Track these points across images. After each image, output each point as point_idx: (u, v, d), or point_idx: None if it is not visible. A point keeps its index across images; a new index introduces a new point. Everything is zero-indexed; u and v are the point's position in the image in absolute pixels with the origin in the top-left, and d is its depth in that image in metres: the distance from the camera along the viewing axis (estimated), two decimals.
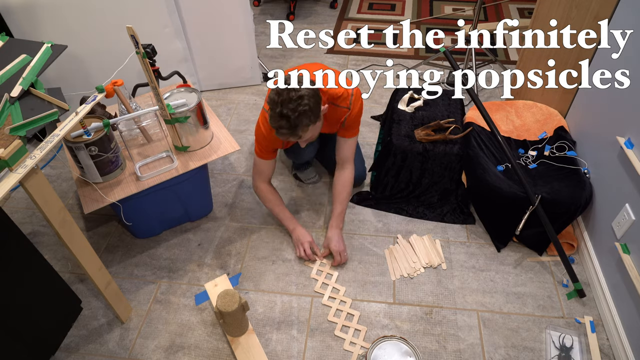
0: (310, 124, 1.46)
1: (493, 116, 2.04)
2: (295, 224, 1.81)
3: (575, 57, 1.98)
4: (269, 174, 1.80)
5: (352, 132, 1.72)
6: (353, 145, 1.76)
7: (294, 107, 1.39)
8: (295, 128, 1.43)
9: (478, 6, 2.42)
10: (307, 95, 1.40)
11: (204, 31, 2.42)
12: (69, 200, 2.07)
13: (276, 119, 1.43)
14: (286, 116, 1.40)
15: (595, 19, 1.84)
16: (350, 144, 1.74)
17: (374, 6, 3.58)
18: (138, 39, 1.33)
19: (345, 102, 1.63)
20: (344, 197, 1.78)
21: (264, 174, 1.79)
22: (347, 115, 1.64)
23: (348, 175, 1.78)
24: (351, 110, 1.64)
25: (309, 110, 1.41)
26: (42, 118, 1.36)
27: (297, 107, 1.39)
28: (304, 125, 1.44)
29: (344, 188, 1.78)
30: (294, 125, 1.42)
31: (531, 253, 1.77)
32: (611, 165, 1.58)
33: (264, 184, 1.81)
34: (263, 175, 1.80)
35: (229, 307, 1.36)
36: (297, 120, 1.41)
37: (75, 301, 1.59)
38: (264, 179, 1.81)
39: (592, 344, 1.47)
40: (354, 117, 1.67)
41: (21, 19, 2.07)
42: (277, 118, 1.42)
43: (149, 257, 1.80)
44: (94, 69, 2.31)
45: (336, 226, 1.76)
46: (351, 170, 1.79)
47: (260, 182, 1.81)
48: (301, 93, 1.39)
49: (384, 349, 1.34)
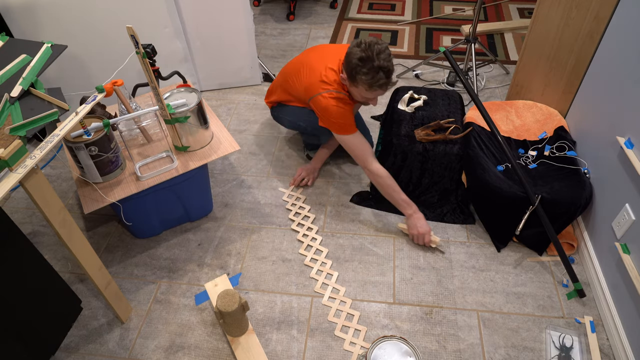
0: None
1: (493, 116, 2.04)
2: (415, 209, 1.77)
3: (575, 57, 1.98)
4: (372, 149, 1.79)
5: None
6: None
7: (386, 56, 1.56)
8: (390, 75, 1.59)
9: (478, 6, 2.42)
10: (386, 44, 1.59)
11: (204, 31, 2.42)
12: (69, 200, 2.07)
13: (374, 73, 1.56)
14: (383, 67, 1.55)
15: (595, 19, 1.84)
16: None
17: (374, 6, 3.58)
18: (138, 39, 1.33)
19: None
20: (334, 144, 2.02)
21: (370, 149, 1.76)
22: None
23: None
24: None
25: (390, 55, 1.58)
26: (42, 118, 1.36)
27: (389, 57, 1.57)
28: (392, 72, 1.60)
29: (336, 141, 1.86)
30: (390, 73, 1.58)
31: (531, 253, 1.77)
32: (611, 165, 1.58)
33: (377, 163, 1.75)
34: (370, 151, 1.75)
35: (229, 307, 1.36)
36: (392, 67, 1.58)
37: (75, 301, 1.59)
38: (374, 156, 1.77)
39: (592, 344, 1.47)
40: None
41: (21, 19, 2.07)
42: (374, 71, 1.56)
43: (149, 257, 1.80)
44: (94, 69, 2.31)
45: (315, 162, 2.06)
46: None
47: (373, 161, 1.74)
48: (384, 44, 1.58)
49: (384, 349, 1.34)
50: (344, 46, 1.79)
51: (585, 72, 1.91)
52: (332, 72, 1.74)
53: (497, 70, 2.78)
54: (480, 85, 2.65)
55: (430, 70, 2.82)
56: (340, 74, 1.71)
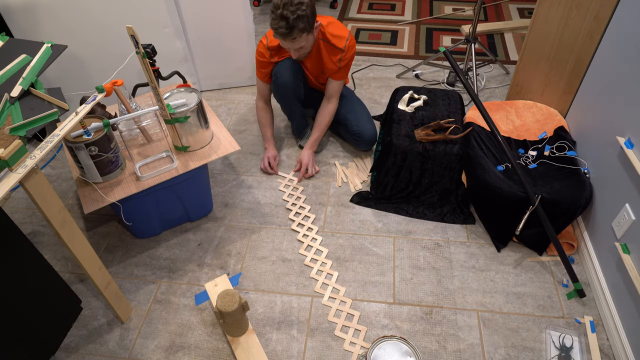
0: (304, 32, 1.72)
1: (493, 116, 2.04)
2: (270, 144, 2.15)
3: (575, 57, 1.98)
4: (267, 95, 2.13)
5: (341, 76, 2.00)
6: (341, 86, 2.06)
7: (294, 9, 1.64)
8: (292, 29, 1.67)
9: (478, 6, 2.42)
10: (306, 2, 1.68)
11: (204, 31, 2.42)
12: (69, 200, 2.07)
13: (277, 20, 1.66)
14: (285, 17, 1.64)
15: (595, 19, 1.84)
16: (337, 85, 2.04)
17: (374, 6, 3.58)
18: (138, 39, 1.33)
19: (341, 44, 1.90)
20: (323, 126, 2.11)
21: (262, 93, 2.12)
22: (342, 57, 1.91)
23: (331, 107, 2.09)
24: (345, 52, 1.91)
25: (306, 17, 1.68)
26: (42, 118, 1.36)
27: (296, 11, 1.65)
28: (300, 30, 1.69)
29: (325, 118, 2.10)
30: (291, 27, 1.66)
31: (531, 253, 1.77)
32: (611, 165, 1.58)
33: (262, 102, 2.15)
34: (260, 94, 2.13)
35: (229, 307, 1.36)
36: (295, 22, 1.65)
37: (75, 301, 1.59)
38: (262, 98, 2.14)
39: (592, 344, 1.47)
40: (347, 61, 1.94)
41: (21, 19, 2.07)
42: (277, 19, 1.66)
43: (149, 257, 1.80)
44: (94, 69, 2.31)
45: (309, 147, 2.12)
46: (335, 103, 2.09)
47: (259, 100, 2.15)
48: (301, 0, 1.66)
49: (384, 349, 1.34)
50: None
51: (585, 72, 1.91)
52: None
53: (497, 70, 2.78)
54: (480, 85, 2.65)
55: (430, 70, 2.82)
56: None
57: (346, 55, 1.92)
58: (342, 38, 1.90)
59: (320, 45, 1.93)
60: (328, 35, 1.91)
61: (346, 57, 1.93)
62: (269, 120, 2.17)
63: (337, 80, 2.02)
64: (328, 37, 1.91)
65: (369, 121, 2.13)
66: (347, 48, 1.91)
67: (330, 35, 1.90)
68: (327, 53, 1.94)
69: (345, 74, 2.02)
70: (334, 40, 1.90)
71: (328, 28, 1.91)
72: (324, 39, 1.92)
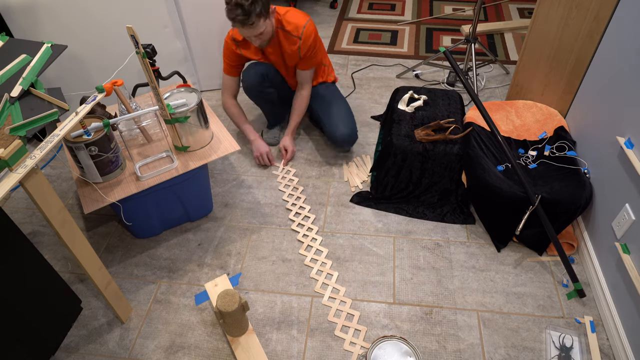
0: (262, 17, 1.73)
1: (493, 116, 2.04)
2: (255, 135, 2.17)
3: (575, 57, 1.98)
4: (234, 90, 2.13)
5: (308, 65, 2.02)
6: (310, 74, 2.08)
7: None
8: (249, 15, 1.69)
9: (478, 6, 2.42)
10: None
11: (204, 31, 2.42)
12: (69, 200, 2.07)
13: (232, 9, 1.68)
14: (240, 4, 1.66)
15: (595, 19, 1.84)
16: (307, 74, 2.06)
17: (374, 6, 3.58)
18: (138, 39, 1.33)
19: (297, 31, 1.90)
20: (299, 111, 2.15)
21: (230, 89, 2.12)
22: (301, 45, 1.92)
23: (304, 93, 2.11)
24: (303, 39, 1.91)
25: (260, 1, 1.70)
26: (42, 118, 1.36)
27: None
28: (257, 15, 1.70)
29: (300, 104, 2.14)
30: (247, 12, 1.68)
31: (531, 253, 1.77)
32: (611, 165, 1.58)
33: (230, 99, 2.14)
34: (228, 90, 2.13)
35: (229, 307, 1.36)
36: (250, 7, 1.67)
37: (75, 301, 1.59)
38: (230, 94, 2.14)
39: (592, 344, 1.47)
40: (307, 49, 1.94)
41: (21, 19, 2.07)
42: (232, 9, 1.68)
43: (149, 257, 1.80)
44: (94, 69, 2.31)
45: (289, 134, 2.18)
46: (307, 89, 2.11)
47: (227, 97, 2.14)
48: None
49: (384, 349, 1.34)
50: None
51: (585, 72, 1.91)
52: None
53: (497, 70, 2.78)
54: (480, 85, 2.65)
55: (430, 70, 2.82)
56: None
57: (304, 43, 1.92)
58: (298, 26, 1.90)
59: (280, 35, 1.93)
60: (284, 23, 1.91)
61: (305, 46, 1.92)
62: (243, 115, 2.18)
63: (304, 70, 2.04)
64: (284, 25, 1.91)
65: (342, 122, 2.08)
66: (304, 35, 1.90)
67: (286, 23, 1.90)
68: (286, 42, 1.94)
69: (310, 63, 2.02)
70: (289, 28, 1.90)
71: (285, 16, 1.90)
72: (281, 27, 1.92)
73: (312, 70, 2.07)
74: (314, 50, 1.97)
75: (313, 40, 1.94)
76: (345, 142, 2.10)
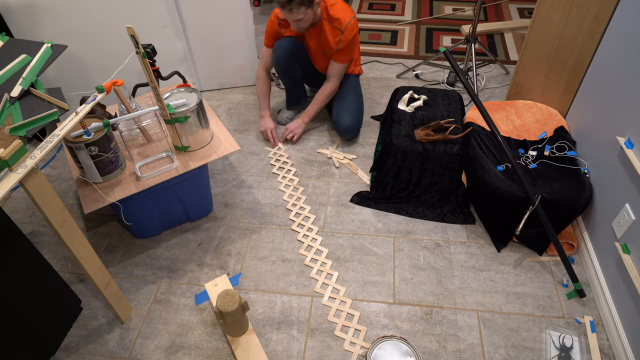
0: (303, 5, 1.84)
1: (493, 116, 2.04)
2: (266, 112, 2.30)
3: (575, 57, 1.98)
4: (268, 63, 2.24)
5: (340, 58, 2.11)
6: (341, 69, 2.17)
7: None
8: (291, 1, 1.80)
9: (478, 6, 2.42)
10: None
11: (204, 31, 2.42)
12: (69, 200, 2.07)
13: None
14: None
15: (595, 19, 1.84)
16: (337, 66, 2.15)
17: (374, 6, 3.58)
18: (138, 39, 1.33)
19: (341, 25, 2.00)
20: (318, 103, 2.23)
21: (265, 60, 2.24)
22: (342, 38, 2.02)
23: (329, 87, 2.20)
24: (344, 34, 2.01)
25: None
26: (42, 118, 1.36)
27: None
28: (298, 3, 1.82)
29: (320, 96, 2.22)
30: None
31: (531, 253, 1.77)
32: (611, 165, 1.58)
33: (263, 71, 2.26)
34: (263, 62, 2.25)
35: (229, 307, 1.36)
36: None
37: (75, 301, 1.59)
38: (264, 66, 2.25)
39: (592, 344, 1.47)
40: (346, 43, 2.04)
41: (21, 19, 2.07)
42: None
43: (149, 257, 1.80)
44: (94, 69, 2.31)
45: (302, 117, 2.26)
46: (333, 84, 2.20)
47: (260, 68, 2.27)
48: None
49: (384, 349, 1.34)
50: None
51: (585, 72, 1.91)
52: None
53: (497, 70, 2.78)
54: (480, 85, 2.65)
55: (430, 70, 2.82)
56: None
57: (345, 37, 2.02)
58: (343, 19, 2.00)
59: (324, 24, 2.03)
60: (331, 15, 2.01)
61: (345, 39, 2.02)
62: (267, 91, 2.30)
63: (337, 63, 2.13)
64: (330, 17, 2.02)
65: (350, 113, 2.20)
66: (346, 30, 2.00)
67: (332, 16, 2.01)
68: (330, 33, 2.04)
69: (345, 57, 2.11)
70: (335, 21, 2.01)
71: (332, 8, 2.01)
72: (327, 19, 2.02)
73: (345, 65, 2.16)
74: (352, 45, 2.07)
75: (353, 36, 2.05)
76: (346, 131, 2.21)
